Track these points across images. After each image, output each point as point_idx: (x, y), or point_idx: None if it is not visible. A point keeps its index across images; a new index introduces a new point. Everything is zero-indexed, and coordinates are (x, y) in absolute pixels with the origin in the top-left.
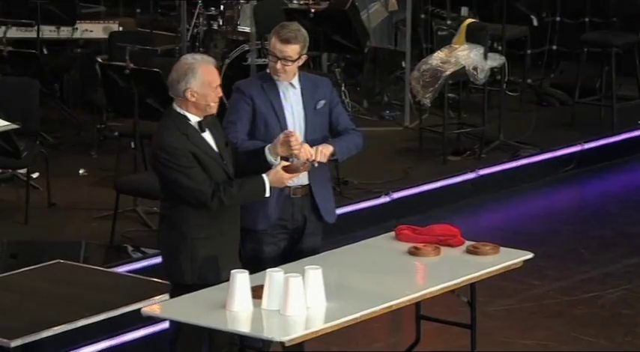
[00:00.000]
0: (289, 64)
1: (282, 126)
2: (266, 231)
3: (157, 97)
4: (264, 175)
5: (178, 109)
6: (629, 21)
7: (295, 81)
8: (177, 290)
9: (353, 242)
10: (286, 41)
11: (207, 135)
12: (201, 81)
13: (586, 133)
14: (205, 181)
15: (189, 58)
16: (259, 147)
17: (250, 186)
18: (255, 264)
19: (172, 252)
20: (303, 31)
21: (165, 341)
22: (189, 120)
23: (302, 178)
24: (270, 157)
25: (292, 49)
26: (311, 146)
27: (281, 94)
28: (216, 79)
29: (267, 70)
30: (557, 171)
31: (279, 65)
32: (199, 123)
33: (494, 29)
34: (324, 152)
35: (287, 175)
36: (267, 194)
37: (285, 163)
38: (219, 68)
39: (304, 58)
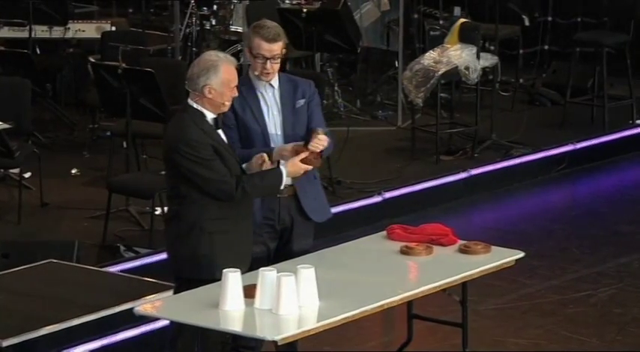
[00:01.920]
0: (277, 62)
1: (263, 129)
2: (254, 231)
3: (150, 97)
4: (281, 167)
5: (195, 105)
6: (621, 21)
7: (274, 81)
8: (188, 284)
9: (345, 241)
10: (273, 40)
11: (220, 132)
12: (221, 79)
13: (578, 133)
14: (227, 173)
15: (213, 55)
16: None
17: (271, 177)
18: None
19: (187, 248)
20: (279, 26)
21: (158, 340)
22: (205, 116)
23: (287, 178)
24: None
25: (279, 47)
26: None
27: (260, 96)
28: (235, 79)
29: (255, 73)
30: (549, 170)
31: (268, 65)
32: (215, 119)
33: (487, 29)
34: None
35: (303, 166)
36: (282, 187)
37: (304, 154)
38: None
39: (284, 52)
